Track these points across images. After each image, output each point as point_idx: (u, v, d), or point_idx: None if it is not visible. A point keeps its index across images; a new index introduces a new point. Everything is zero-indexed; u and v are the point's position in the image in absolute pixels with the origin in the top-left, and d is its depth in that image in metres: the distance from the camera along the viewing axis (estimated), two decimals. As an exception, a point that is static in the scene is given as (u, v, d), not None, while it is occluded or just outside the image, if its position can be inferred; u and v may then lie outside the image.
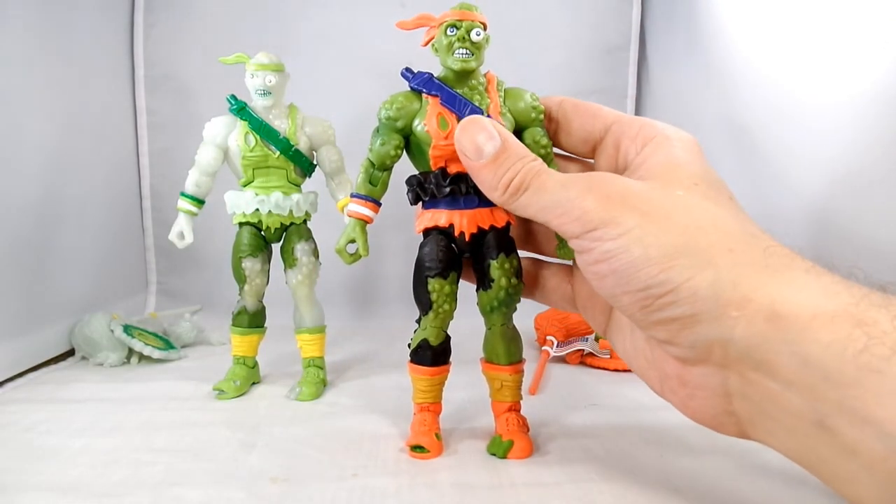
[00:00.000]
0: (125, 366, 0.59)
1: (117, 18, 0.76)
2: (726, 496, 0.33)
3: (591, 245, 0.28)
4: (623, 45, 0.83)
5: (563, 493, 0.33)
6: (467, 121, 0.33)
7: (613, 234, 0.27)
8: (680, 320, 0.26)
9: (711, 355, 0.26)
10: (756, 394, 0.25)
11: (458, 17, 0.34)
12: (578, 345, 0.58)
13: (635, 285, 0.27)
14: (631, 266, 0.27)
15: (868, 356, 0.22)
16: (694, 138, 0.32)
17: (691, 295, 0.25)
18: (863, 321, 0.22)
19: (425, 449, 0.37)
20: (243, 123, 0.49)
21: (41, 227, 0.60)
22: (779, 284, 0.25)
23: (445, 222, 0.37)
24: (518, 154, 0.31)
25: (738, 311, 0.25)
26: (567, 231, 0.29)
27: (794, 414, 0.24)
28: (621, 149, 0.33)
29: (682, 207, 0.28)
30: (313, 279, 0.52)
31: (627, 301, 0.28)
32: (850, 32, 0.45)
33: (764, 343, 0.24)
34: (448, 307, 0.37)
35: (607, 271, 0.28)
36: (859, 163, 0.44)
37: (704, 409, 0.28)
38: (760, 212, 0.53)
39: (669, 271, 0.26)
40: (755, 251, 0.26)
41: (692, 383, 0.28)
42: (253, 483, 0.34)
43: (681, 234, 0.26)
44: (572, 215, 0.28)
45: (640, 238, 0.27)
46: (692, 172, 0.29)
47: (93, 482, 0.34)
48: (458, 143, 0.33)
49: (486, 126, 0.32)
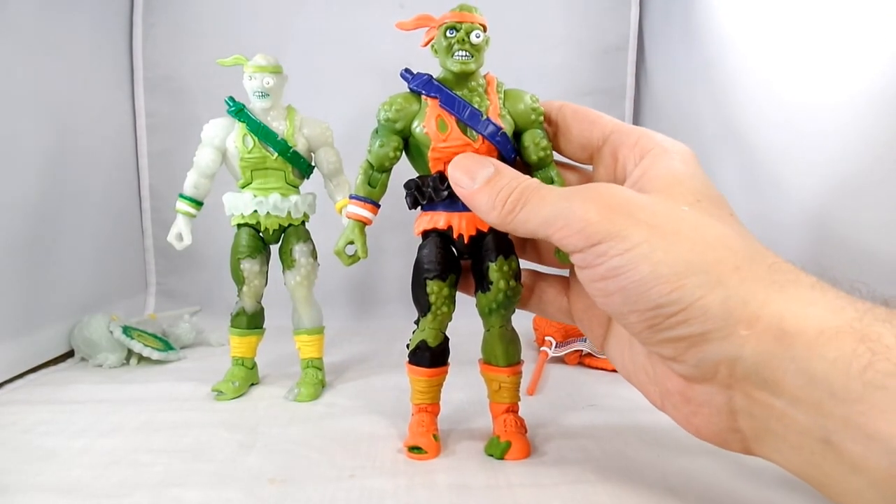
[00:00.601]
0: (124, 367, 0.59)
1: (117, 20, 0.76)
2: (723, 497, 0.33)
3: (596, 260, 0.27)
4: (621, 46, 0.83)
5: (560, 493, 0.33)
6: (459, 155, 0.34)
7: (620, 248, 0.26)
8: (689, 339, 0.26)
9: (717, 374, 0.26)
10: (761, 412, 0.25)
11: (458, 18, 0.34)
12: (577, 345, 0.58)
13: (644, 304, 0.26)
14: (640, 284, 0.26)
15: (872, 372, 0.22)
16: (691, 151, 0.31)
17: (702, 314, 0.25)
18: (867, 336, 0.22)
19: (423, 450, 0.37)
20: (241, 125, 0.49)
21: (41, 228, 0.60)
22: (786, 301, 0.24)
23: (444, 224, 0.37)
24: (512, 174, 0.31)
25: (747, 330, 0.24)
26: (569, 245, 0.28)
27: (800, 431, 0.24)
28: (619, 158, 0.33)
29: (688, 223, 0.27)
30: (312, 280, 0.52)
31: (635, 319, 0.27)
32: (848, 35, 0.45)
33: (772, 360, 0.24)
34: (446, 309, 0.37)
35: (615, 289, 0.27)
36: (857, 165, 0.44)
37: (708, 426, 0.28)
38: (758, 214, 0.54)
39: (681, 290, 0.25)
40: (761, 268, 0.26)
41: (696, 400, 0.28)
42: (251, 484, 0.34)
43: (689, 250, 0.26)
44: (574, 227, 0.27)
45: (648, 254, 0.26)
46: (694, 188, 0.29)
47: (92, 483, 0.34)
48: (451, 176, 0.33)
49: (479, 158, 0.33)
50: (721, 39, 0.62)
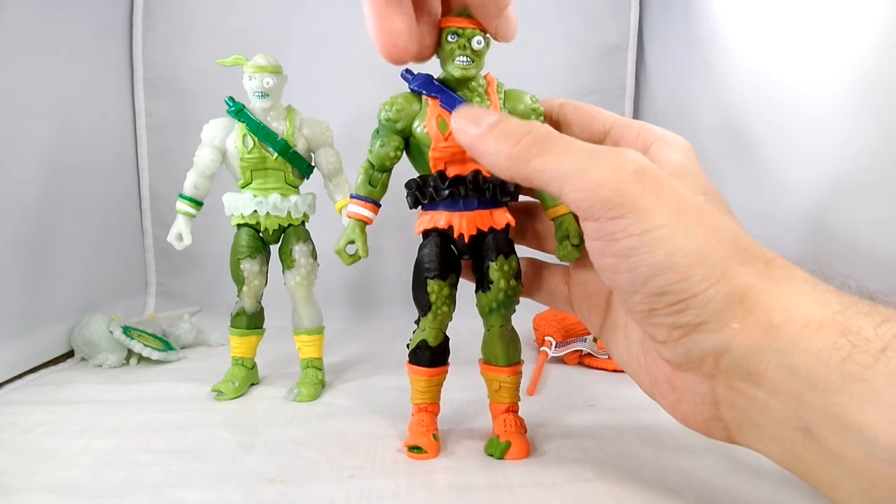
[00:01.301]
0: (124, 367, 0.59)
1: (116, 20, 0.76)
2: (723, 496, 0.33)
3: (613, 235, 0.26)
4: (621, 46, 0.83)
5: (559, 493, 0.33)
6: (461, 107, 0.32)
7: (640, 228, 0.25)
8: (684, 327, 0.26)
9: (703, 364, 0.26)
10: (743, 402, 0.25)
11: (460, 24, 0.34)
12: (577, 345, 0.58)
13: (650, 289, 0.26)
14: (652, 269, 0.25)
15: (851, 364, 0.22)
16: (690, 145, 0.31)
17: (703, 305, 0.25)
18: (848, 329, 0.23)
19: (423, 450, 0.37)
20: (241, 125, 0.49)
21: (40, 228, 0.60)
22: (779, 295, 0.25)
23: (445, 224, 0.37)
24: (519, 120, 0.30)
25: (739, 324, 0.25)
26: (586, 210, 0.26)
27: (780, 421, 0.24)
28: None
29: (706, 213, 0.26)
30: (312, 280, 0.52)
31: (637, 300, 0.27)
32: (848, 34, 0.45)
33: (757, 353, 0.24)
34: (447, 309, 0.37)
35: (626, 268, 0.26)
36: (855, 163, 0.45)
37: (693, 413, 0.28)
38: (756, 213, 0.54)
39: (688, 280, 0.25)
40: (760, 264, 0.26)
41: (681, 388, 0.28)
42: (251, 484, 0.34)
43: (705, 241, 0.25)
44: (596, 192, 0.26)
45: (665, 240, 0.25)
46: (698, 182, 0.29)
47: (91, 483, 0.34)
48: (454, 125, 0.31)
49: (481, 109, 0.32)
50: (721, 39, 0.62)
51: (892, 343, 0.22)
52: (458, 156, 0.35)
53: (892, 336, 0.22)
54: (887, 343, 0.22)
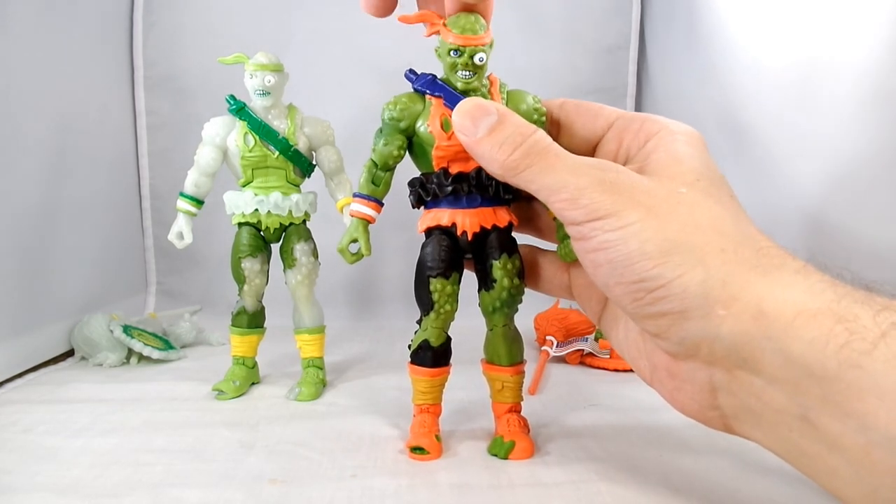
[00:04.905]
0: (124, 366, 0.59)
1: (117, 19, 0.76)
2: (726, 496, 0.32)
3: (591, 234, 0.28)
4: (623, 45, 0.83)
5: (562, 493, 0.33)
6: (464, 101, 0.33)
7: (614, 225, 0.27)
8: (669, 315, 0.27)
9: (699, 352, 0.27)
10: (741, 390, 0.26)
11: (462, 42, 0.34)
12: (578, 345, 0.58)
13: (629, 277, 0.27)
14: (626, 258, 0.27)
15: (849, 351, 0.22)
16: (698, 133, 0.32)
17: (682, 291, 0.26)
18: (844, 317, 0.23)
19: (425, 450, 0.37)
20: (242, 124, 0.49)
21: (41, 227, 0.60)
22: (767, 284, 0.25)
23: (448, 221, 0.37)
24: (516, 124, 0.31)
25: (724, 310, 0.25)
26: (568, 217, 0.29)
27: (778, 409, 0.24)
28: (623, 144, 0.33)
29: (684, 205, 0.28)
30: (313, 279, 0.52)
31: (620, 292, 0.28)
32: (849, 32, 0.45)
33: (749, 341, 0.25)
34: (450, 307, 0.37)
35: (603, 261, 0.28)
36: (857, 160, 0.45)
37: (691, 402, 0.29)
38: (758, 209, 0.53)
39: (662, 267, 0.26)
40: (748, 251, 0.26)
41: (680, 377, 0.29)
42: (252, 484, 0.34)
43: (678, 231, 0.27)
44: (579, 203, 0.28)
45: (639, 232, 0.27)
46: (694, 168, 0.30)
47: (92, 483, 0.34)
48: (455, 122, 0.33)
49: (483, 103, 0.32)
50: (722, 38, 0.62)
51: (891, 331, 0.22)
52: (462, 154, 0.35)
53: (890, 324, 0.22)
54: (885, 330, 0.22)
